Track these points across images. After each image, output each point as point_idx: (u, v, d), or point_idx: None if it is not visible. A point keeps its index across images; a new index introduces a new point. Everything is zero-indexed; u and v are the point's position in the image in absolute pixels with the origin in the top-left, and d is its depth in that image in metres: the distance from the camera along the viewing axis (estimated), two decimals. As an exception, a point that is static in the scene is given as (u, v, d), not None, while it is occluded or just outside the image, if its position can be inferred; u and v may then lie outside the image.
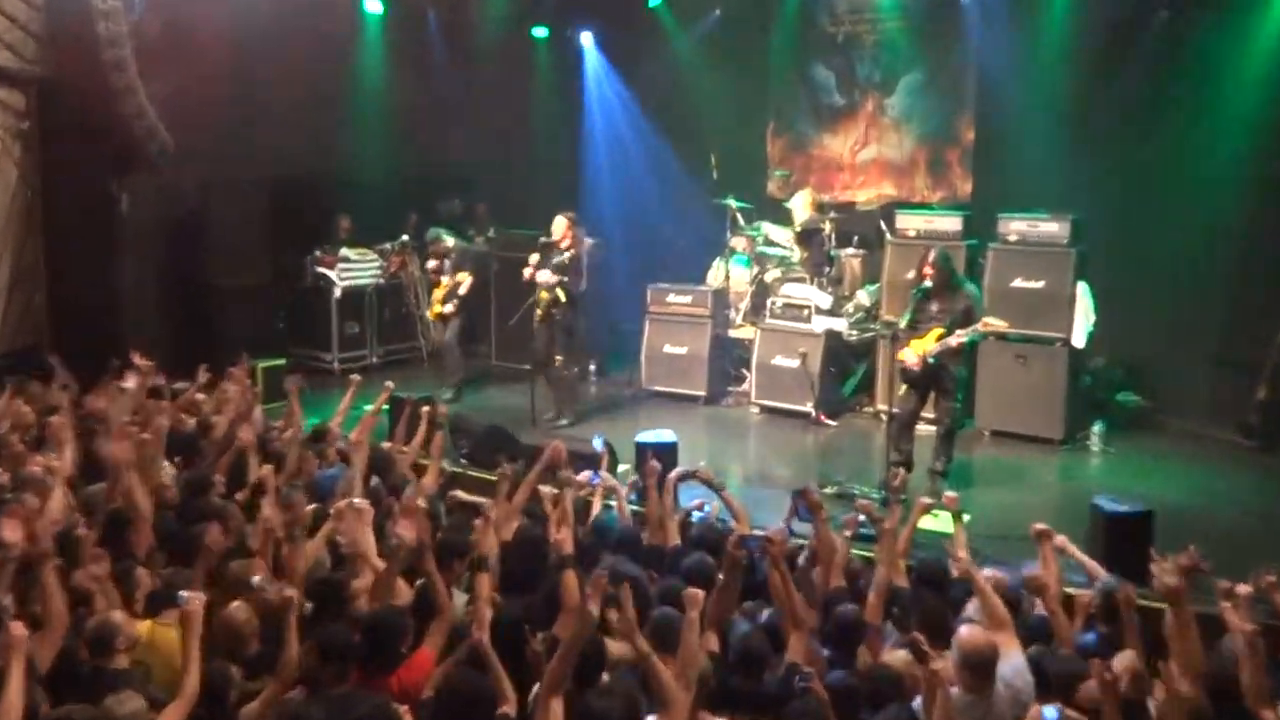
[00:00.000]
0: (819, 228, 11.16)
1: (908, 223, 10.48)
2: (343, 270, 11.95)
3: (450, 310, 10.82)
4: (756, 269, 11.53)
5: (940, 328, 7.93)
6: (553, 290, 9.72)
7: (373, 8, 12.29)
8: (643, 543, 6.07)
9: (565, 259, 9.68)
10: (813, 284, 10.91)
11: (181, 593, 4.42)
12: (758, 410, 10.52)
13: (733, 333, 11.28)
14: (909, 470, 7.89)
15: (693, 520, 6.61)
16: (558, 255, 9.71)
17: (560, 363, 9.98)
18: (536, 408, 9.87)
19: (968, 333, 7.85)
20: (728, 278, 11.49)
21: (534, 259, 9.84)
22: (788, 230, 11.44)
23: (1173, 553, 4.90)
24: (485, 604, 4.67)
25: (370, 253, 12.30)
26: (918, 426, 8.29)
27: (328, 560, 5.70)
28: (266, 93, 10.81)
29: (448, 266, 10.88)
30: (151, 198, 10.43)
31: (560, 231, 9.77)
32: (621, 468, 7.98)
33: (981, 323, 7.87)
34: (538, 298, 9.84)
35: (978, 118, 11.46)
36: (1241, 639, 4.30)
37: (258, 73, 10.67)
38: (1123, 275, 9.91)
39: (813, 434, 9.95)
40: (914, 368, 7.97)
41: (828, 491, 7.70)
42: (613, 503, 6.85)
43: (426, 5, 12.75)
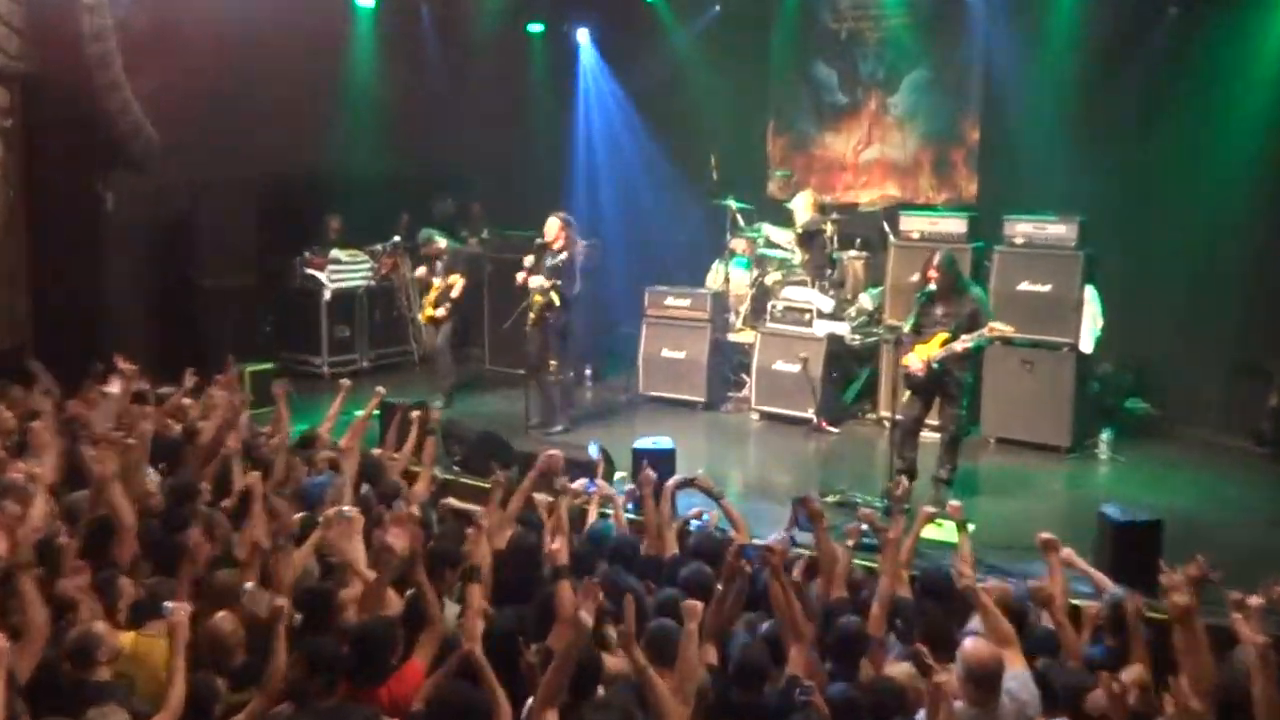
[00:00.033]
0: (821, 229, 11.16)
1: (911, 224, 10.50)
2: (333, 272, 11.94)
3: (442, 314, 10.83)
4: (757, 271, 11.53)
5: (945, 332, 7.92)
6: (546, 294, 9.72)
7: (364, 1, 12.28)
8: (640, 552, 6.06)
9: (559, 262, 9.69)
10: (814, 287, 10.91)
11: (167, 603, 4.41)
12: (758, 416, 10.51)
13: (732, 337, 11.27)
14: (913, 478, 7.90)
15: (691, 529, 6.62)
16: (552, 258, 9.72)
17: (554, 368, 9.98)
18: (531, 414, 9.87)
19: (973, 338, 7.83)
20: (727, 280, 11.48)
21: (529, 261, 9.86)
22: (789, 232, 11.45)
23: (1182, 564, 4.91)
24: (476, 615, 4.67)
25: (361, 254, 12.28)
26: (922, 434, 8.28)
27: (316, 570, 5.69)
28: (255, 89, 10.78)
29: (439, 268, 10.88)
30: (137, 196, 10.42)
31: (553, 232, 9.78)
32: (618, 475, 7.98)
33: (988, 328, 7.82)
34: (530, 301, 9.84)
35: (983, 117, 11.48)
36: (1253, 651, 4.29)
37: (246, 68, 10.64)
38: (1132, 278, 9.93)
39: (814, 441, 9.95)
40: (918, 373, 7.96)
41: (829, 500, 7.70)
42: (609, 511, 6.85)
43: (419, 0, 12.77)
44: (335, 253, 12.04)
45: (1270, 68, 9.39)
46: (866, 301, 10.94)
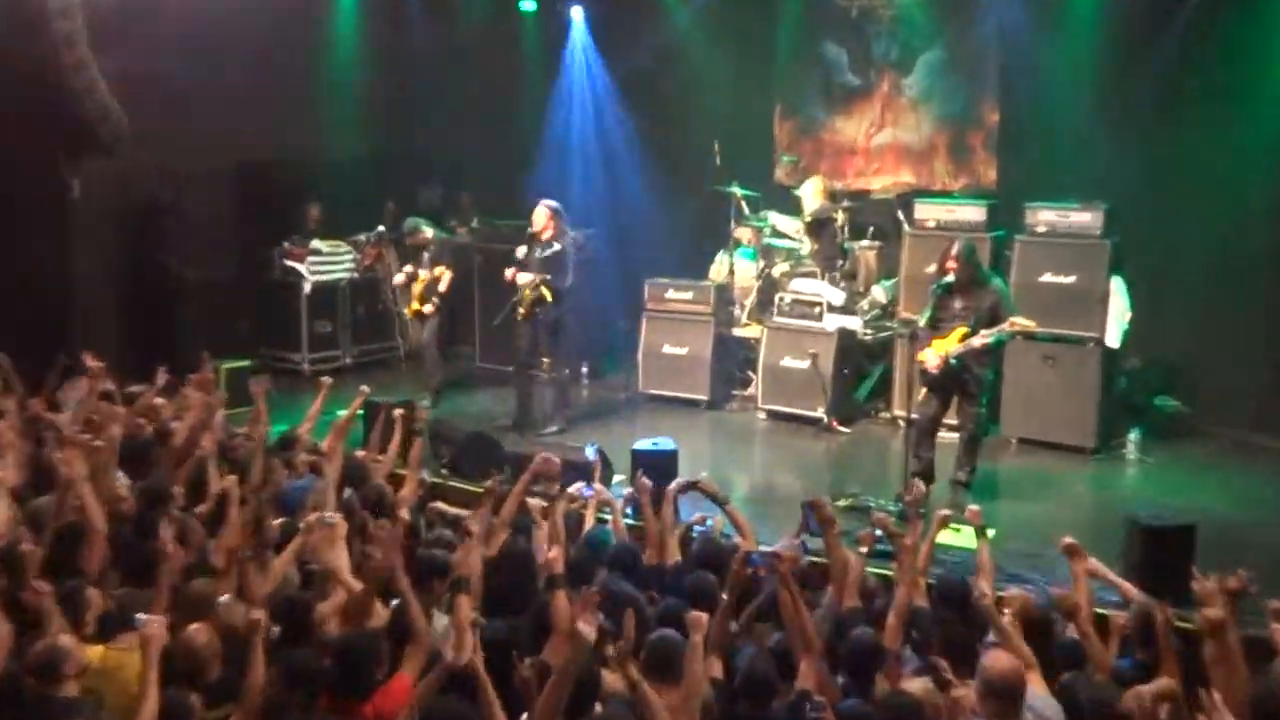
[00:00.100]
0: (831, 218, 11.15)
1: (927, 212, 10.47)
2: (313, 264, 11.93)
3: (429, 308, 10.81)
4: (763, 262, 11.52)
5: (964, 326, 7.90)
6: (536, 287, 9.70)
7: (347, -22, 12.30)
8: (640, 560, 6.05)
9: (550, 253, 9.66)
10: (824, 279, 10.90)
11: (140, 615, 4.40)
12: (764, 416, 10.51)
13: (737, 332, 11.27)
14: (930, 481, 7.90)
15: (694, 535, 6.61)
16: (542, 249, 9.70)
17: (548, 365, 9.97)
18: (515, 413, 9.88)
19: (994, 332, 7.81)
20: (732, 272, 11.47)
21: (521, 252, 9.84)
22: (797, 220, 11.44)
23: (1215, 570, 4.89)
24: (465, 627, 4.64)
25: (343, 245, 12.27)
26: (939, 434, 8.27)
27: (296, 578, 5.68)
28: (231, 69, 10.76)
29: (425, 260, 10.86)
30: (105, 184, 10.40)
31: (541, 222, 9.77)
32: (616, 478, 7.97)
33: (1009, 321, 7.80)
34: (520, 295, 9.82)
35: (1003, 98, 11.44)
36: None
37: (221, 47, 10.63)
38: (1161, 269, 9.90)
39: (824, 442, 9.92)
40: (935, 370, 7.95)
41: (841, 504, 7.70)
42: (607, 516, 6.84)
43: (405, -24, 12.77)
44: (316, 243, 12.03)
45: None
46: (880, 294, 10.93)
